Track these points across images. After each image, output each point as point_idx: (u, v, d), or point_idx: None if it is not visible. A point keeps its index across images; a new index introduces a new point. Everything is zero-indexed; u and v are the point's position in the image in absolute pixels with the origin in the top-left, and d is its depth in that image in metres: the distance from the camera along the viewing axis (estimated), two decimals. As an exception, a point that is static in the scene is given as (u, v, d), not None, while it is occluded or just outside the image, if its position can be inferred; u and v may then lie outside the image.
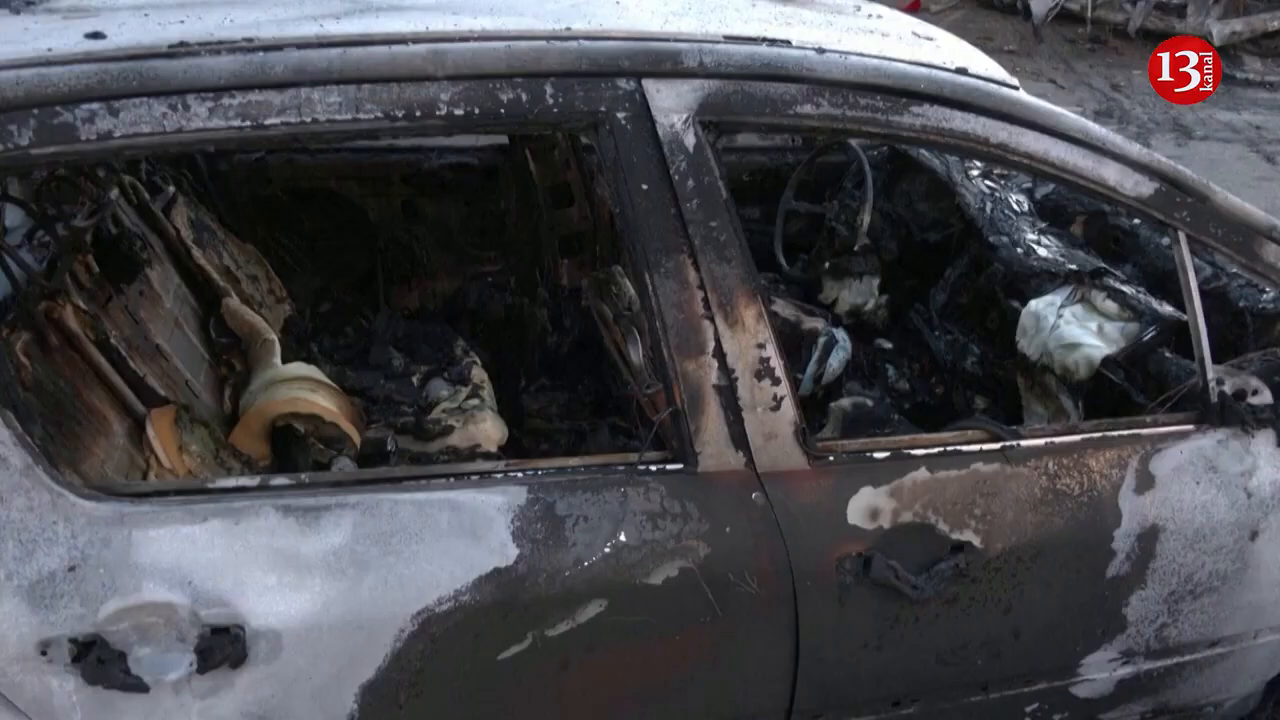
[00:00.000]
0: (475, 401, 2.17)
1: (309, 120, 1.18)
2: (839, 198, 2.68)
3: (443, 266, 2.71)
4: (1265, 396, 1.58)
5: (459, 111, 1.22)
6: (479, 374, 2.27)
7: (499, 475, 1.30)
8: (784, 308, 2.51)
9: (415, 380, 2.28)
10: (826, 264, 2.63)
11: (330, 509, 1.20)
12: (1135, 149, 1.48)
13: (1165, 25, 9.11)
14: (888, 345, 2.58)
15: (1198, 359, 1.55)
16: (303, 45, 1.21)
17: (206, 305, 2.10)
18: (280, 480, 1.24)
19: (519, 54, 1.25)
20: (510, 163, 2.65)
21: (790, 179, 2.67)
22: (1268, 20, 8.54)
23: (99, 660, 1.13)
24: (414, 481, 1.26)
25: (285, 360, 2.00)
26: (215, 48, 1.18)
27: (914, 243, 2.66)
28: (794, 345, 2.40)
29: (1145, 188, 1.48)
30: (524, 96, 1.25)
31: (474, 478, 1.29)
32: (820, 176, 2.73)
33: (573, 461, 1.34)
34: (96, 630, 1.13)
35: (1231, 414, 1.55)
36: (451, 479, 1.27)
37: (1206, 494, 1.55)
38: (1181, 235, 1.52)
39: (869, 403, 2.28)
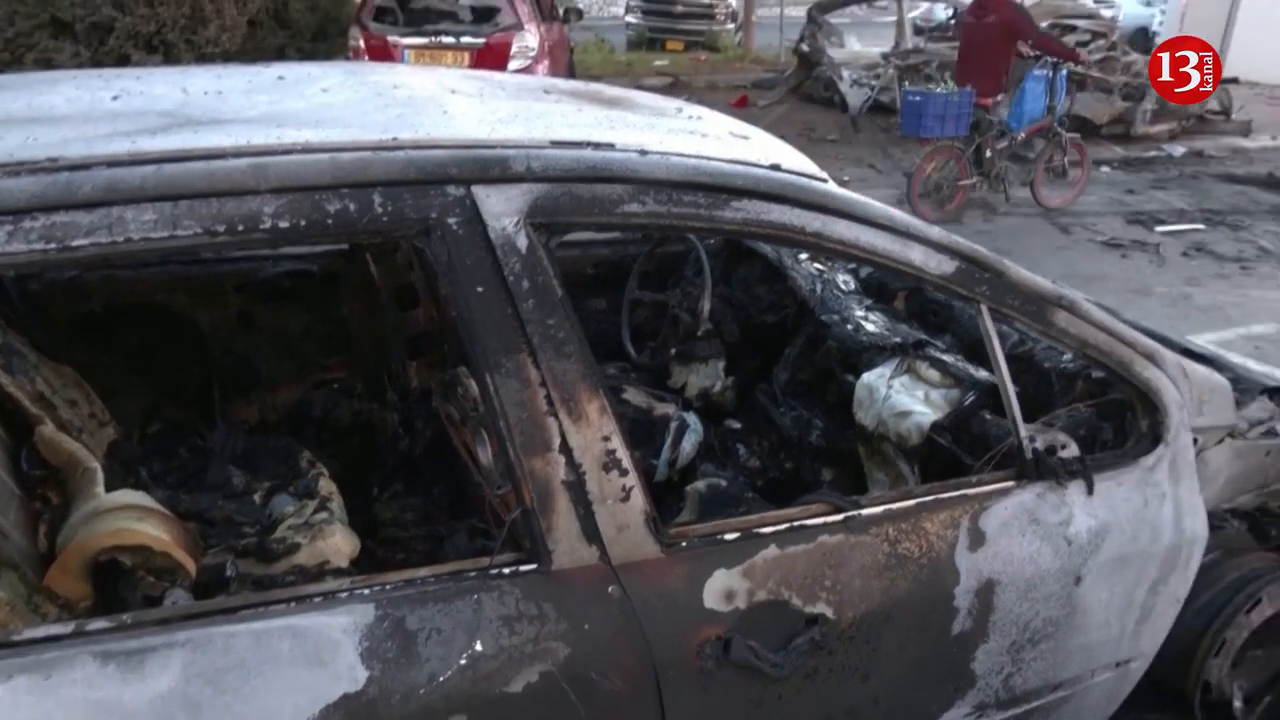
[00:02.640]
0: (324, 515, 2.07)
1: (121, 240, 1.14)
2: (680, 286, 2.78)
3: (284, 376, 2.61)
4: (1073, 450, 1.72)
5: (284, 224, 1.21)
6: (327, 485, 2.18)
7: (344, 594, 1.25)
8: (635, 395, 2.55)
9: (257, 498, 2.16)
10: (673, 350, 2.70)
11: (156, 650, 1.12)
12: (935, 231, 1.61)
13: (965, 113, 10.01)
14: (737, 425, 2.66)
15: (1010, 420, 1.68)
16: (113, 163, 1.17)
17: (17, 435, 1.94)
18: (99, 624, 1.14)
19: (344, 165, 1.26)
20: (351, 267, 2.61)
21: (633, 270, 2.75)
22: (1051, 107, 9.52)
23: None
24: (251, 610, 1.19)
25: (110, 488, 1.86)
26: (14, 169, 1.13)
27: (754, 325, 2.78)
28: (647, 431, 2.43)
29: (948, 266, 1.61)
30: (352, 207, 1.25)
31: (317, 599, 1.23)
32: (661, 266, 2.83)
33: (422, 572, 1.30)
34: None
35: (1045, 468, 1.68)
36: (293, 603, 1.21)
37: (1032, 545, 1.65)
38: (984, 307, 1.65)
39: (723, 483, 2.33)
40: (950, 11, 12.49)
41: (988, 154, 7.03)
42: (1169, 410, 1.81)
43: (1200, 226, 7.19)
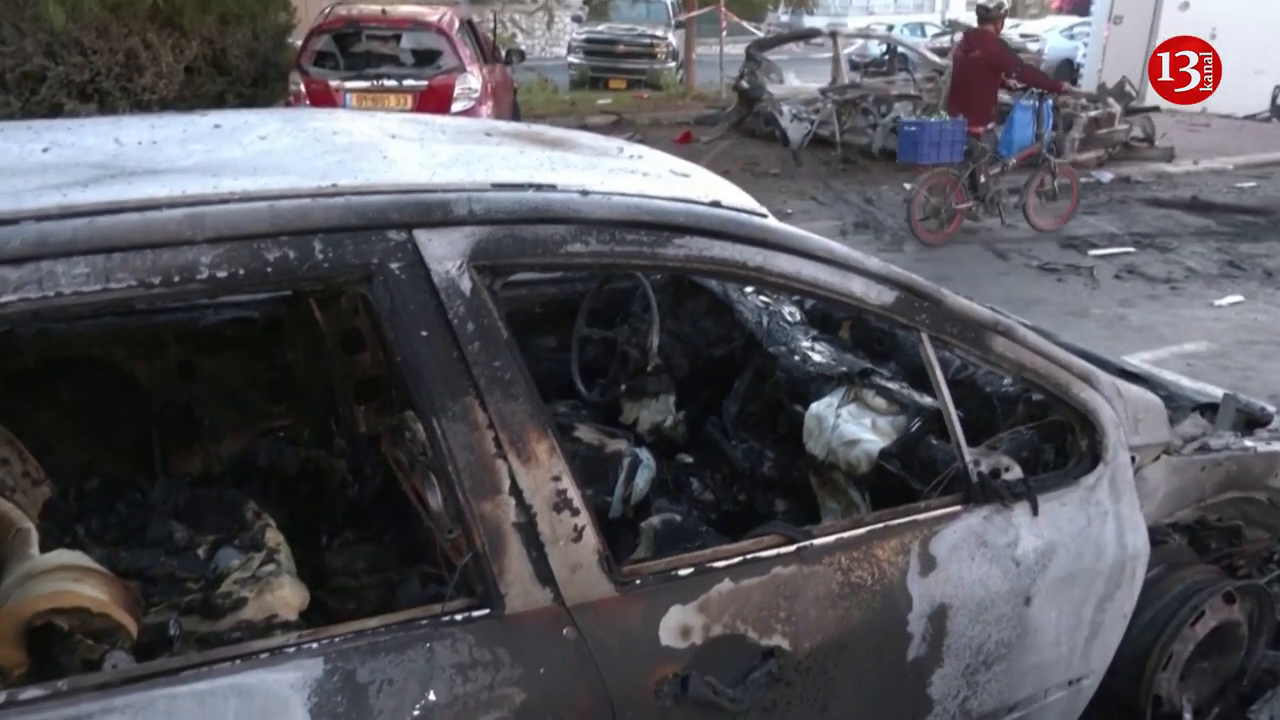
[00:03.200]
0: (271, 567, 2.02)
1: (52, 294, 1.12)
2: (629, 322, 2.79)
3: (228, 425, 2.56)
4: (1016, 472, 1.76)
5: (222, 274, 1.19)
6: (274, 536, 2.13)
7: (292, 649, 1.22)
8: (587, 433, 2.55)
9: (201, 552, 2.10)
10: (623, 386, 2.70)
11: (95, 717, 1.08)
12: (874, 263, 1.65)
13: (902, 145, 10.28)
14: (689, 459, 2.66)
15: (954, 444, 1.71)
16: (42, 217, 1.15)
17: (-55, 498, 1.87)
18: (33, 692, 1.10)
19: (283, 213, 1.25)
20: (295, 313, 2.58)
21: (581, 307, 2.76)
22: (984, 137, 9.82)
23: None
24: (194, 670, 1.16)
25: (45, 549, 1.80)
26: None
27: (702, 359, 2.80)
28: (600, 469, 2.43)
29: (887, 296, 1.64)
30: (292, 254, 1.24)
31: (264, 656, 1.20)
32: (609, 303, 2.84)
33: (372, 623, 1.28)
34: None
35: (990, 491, 1.71)
36: (238, 660, 1.18)
37: (981, 568, 1.68)
38: (924, 335, 1.69)
39: (677, 518, 2.33)
40: (883, 48, 12.85)
41: (982, 179, 7.37)
42: (1106, 430, 1.86)
43: (1131, 249, 7.44)
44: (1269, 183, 10.14)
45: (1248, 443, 2.20)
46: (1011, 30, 19.43)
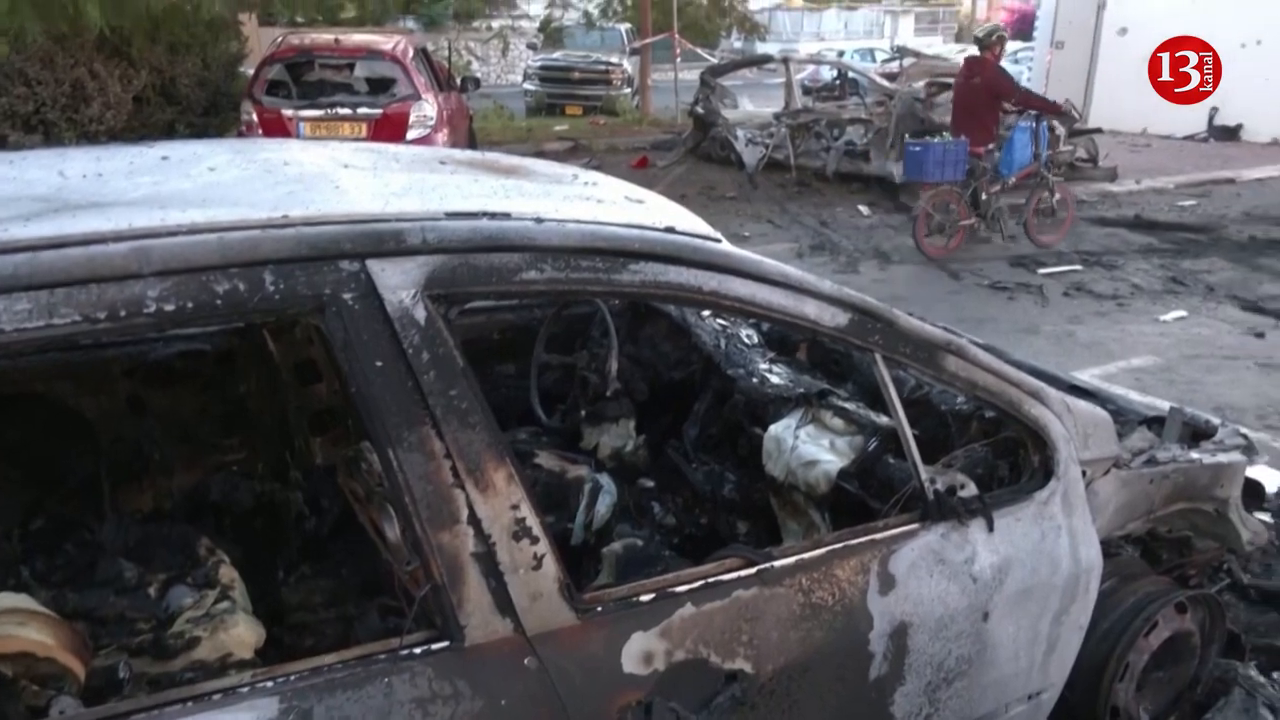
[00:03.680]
0: (225, 605, 1.98)
1: (-7, 331, 1.09)
2: (587, 347, 2.79)
3: (179, 460, 2.51)
4: (971, 489, 1.78)
5: (170, 307, 1.18)
6: (228, 573, 2.09)
7: (246, 689, 1.19)
8: (547, 459, 2.54)
9: (152, 591, 2.05)
10: (583, 412, 2.70)
11: (39, 765, 1.05)
12: (827, 285, 1.67)
13: (854, 168, 10.47)
14: (650, 484, 2.66)
15: (910, 463, 1.73)
16: (-17, 252, 1.13)
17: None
18: (-27, 741, 1.06)
19: (232, 244, 1.23)
20: (247, 344, 2.54)
21: (539, 334, 2.75)
22: (934, 160, 10.02)
23: None
24: (145, 713, 1.13)
25: (-12, 592, 1.74)
26: None
27: (662, 382, 2.80)
28: (561, 495, 2.42)
29: (841, 318, 1.66)
30: (242, 286, 1.22)
31: (216, 696, 1.17)
32: (568, 329, 2.84)
33: (329, 659, 1.26)
34: None
35: (947, 508, 1.73)
36: (190, 702, 1.15)
37: (940, 585, 1.69)
38: (878, 356, 1.71)
39: (640, 543, 2.32)
40: (835, 73, 13.08)
41: (983, 197, 7.72)
42: (1057, 445, 1.89)
43: (1078, 267, 7.61)
44: (1208, 201, 10.46)
45: (1194, 455, 2.26)
46: (958, 55, 19.93)
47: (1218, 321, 6.31)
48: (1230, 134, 14.48)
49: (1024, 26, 25.44)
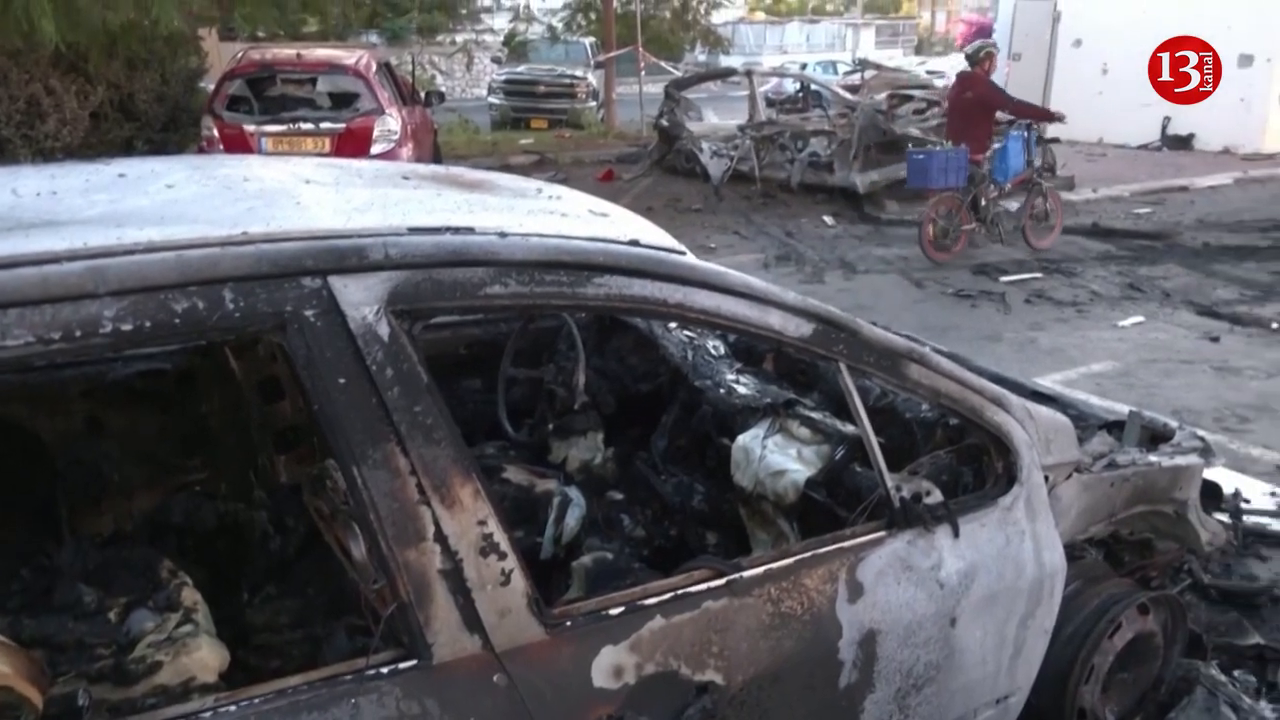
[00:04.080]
0: (188, 628, 1.94)
1: (-57, 353, 1.07)
2: (554, 361, 2.79)
3: (139, 481, 2.46)
4: (937, 496, 1.80)
5: (127, 327, 1.16)
6: (191, 595, 2.05)
7: (209, 714, 1.17)
8: (515, 473, 2.53)
9: (113, 616, 2.01)
10: (551, 425, 2.69)
11: (-6, 797, 1.02)
12: (791, 296, 1.68)
13: (818, 179, 10.57)
14: (619, 496, 2.66)
15: (876, 471, 1.74)
16: (-68, 274, 1.10)
17: None
18: (-75, 775, 1.04)
19: (191, 262, 1.22)
20: (209, 362, 2.51)
21: (506, 348, 2.74)
22: (897, 171, 10.15)
23: None
24: (103, 741, 1.10)
25: (-60, 621, 1.70)
26: None
27: (629, 395, 2.81)
28: (530, 509, 2.41)
29: (805, 328, 1.68)
30: (200, 305, 1.21)
31: (177, 722, 1.15)
32: (535, 342, 2.83)
33: (294, 681, 1.24)
34: None
35: (913, 515, 1.74)
36: (150, 729, 1.13)
37: (907, 592, 1.71)
38: (843, 365, 1.73)
39: (609, 556, 2.32)
40: (798, 86, 13.21)
41: (983, 202, 8.04)
42: (1020, 451, 1.92)
43: (1038, 275, 7.74)
44: (1162, 208, 10.68)
45: (1152, 458, 2.30)
46: (918, 67, 20.23)
47: (1174, 327, 6.44)
48: (1183, 143, 14.82)
49: (982, 39, 25.85)
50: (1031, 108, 8.43)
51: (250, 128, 8.13)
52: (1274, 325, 6.35)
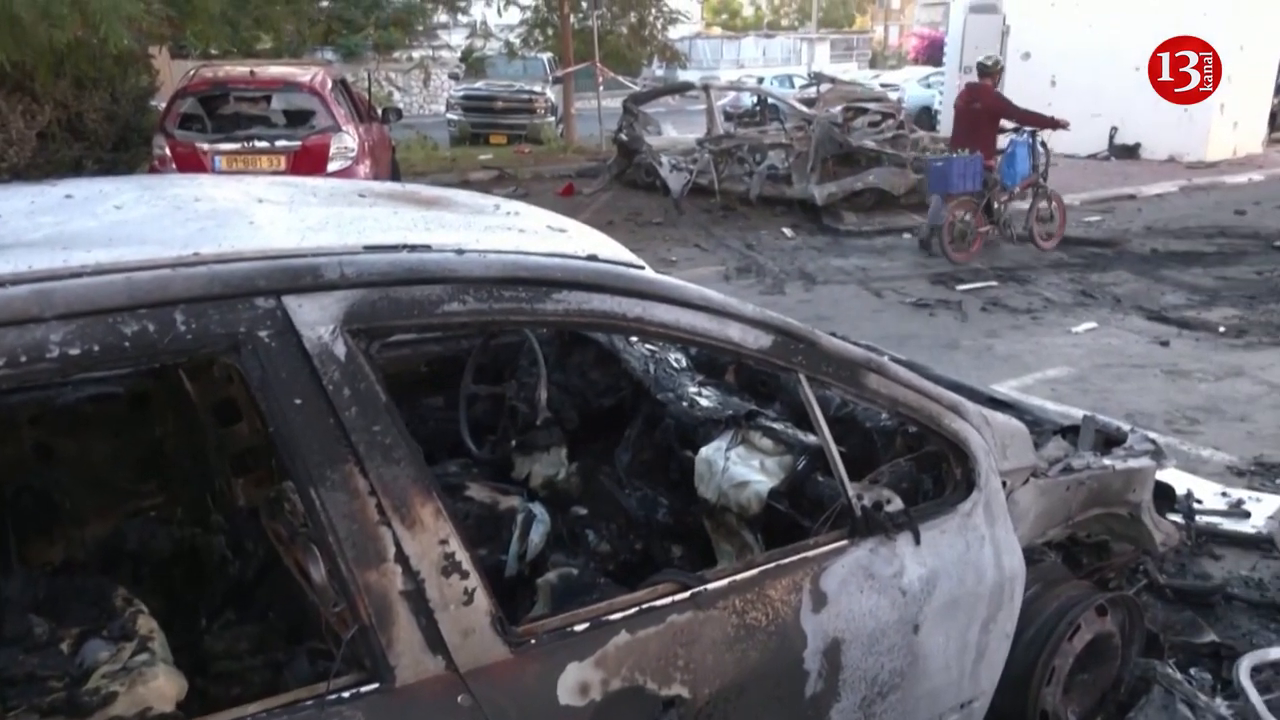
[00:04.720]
0: (144, 657, 1.90)
1: (-118, 381, 1.04)
2: (516, 377, 2.78)
3: (91, 508, 2.41)
4: (897, 504, 1.82)
5: (74, 351, 1.14)
6: (146, 623, 2.01)
7: (164, 745, 1.15)
8: (479, 490, 2.51)
9: (65, 647, 1.96)
10: (513, 442, 2.68)
11: (-62, 840, 0.99)
12: (749, 309, 1.70)
13: (777, 191, 10.67)
14: (584, 511, 2.65)
15: (837, 480, 1.76)
16: None
17: None
18: None
19: (141, 284, 1.20)
20: (162, 385, 2.46)
21: (467, 364, 2.73)
22: (854, 183, 10.29)
23: None
24: (55, 777, 1.07)
25: (-118, 659, 1.65)
26: None
27: (592, 409, 2.80)
28: (494, 526, 2.39)
29: (764, 340, 1.69)
30: (151, 327, 1.19)
31: (133, 754, 1.12)
32: (496, 359, 2.82)
33: (252, 708, 1.22)
34: None
35: (874, 524, 1.76)
36: (104, 763, 1.10)
37: (870, 600, 1.72)
38: (802, 376, 1.74)
39: (575, 572, 2.30)
40: (755, 100, 13.33)
41: (995, 205, 8.59)
42: (977, 458, 1.95)
43: (994, 283, 7.87)
44: (1112, 216, 10.92)
45: (1106, 461, 2.35)
46: (873, 81, 20.52)
47: (1125, 332, 6.57)
48: (1130, 152, 15.17)
49: (934, 53, 26.39)
50: (1037, 116, 8.77)
51: (204, 146, 8.02)
52: (1221, 329, 6.51)
